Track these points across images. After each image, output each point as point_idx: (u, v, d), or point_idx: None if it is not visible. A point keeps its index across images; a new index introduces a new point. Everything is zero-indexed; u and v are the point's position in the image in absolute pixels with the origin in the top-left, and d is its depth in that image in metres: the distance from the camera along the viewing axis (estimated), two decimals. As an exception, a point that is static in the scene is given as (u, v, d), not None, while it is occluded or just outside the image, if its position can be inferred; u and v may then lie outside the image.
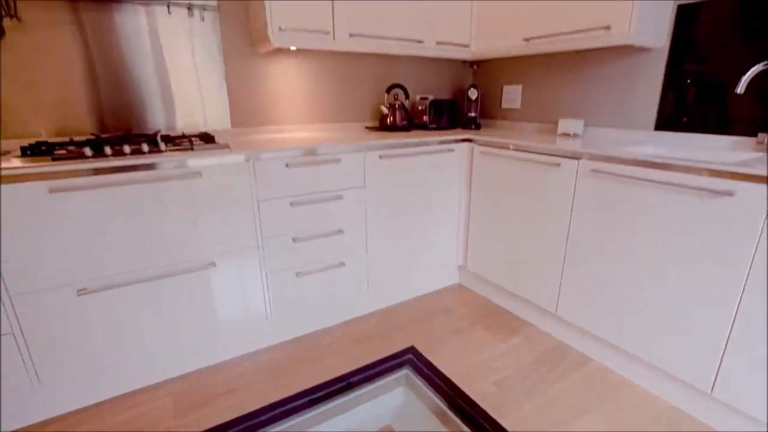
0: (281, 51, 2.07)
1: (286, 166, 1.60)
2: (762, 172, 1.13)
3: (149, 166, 1.35)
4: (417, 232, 2.07)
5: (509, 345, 1.80)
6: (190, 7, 1.80)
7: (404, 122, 2.24)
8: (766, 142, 1.52)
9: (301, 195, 1.66)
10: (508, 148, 1.89)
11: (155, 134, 1.67)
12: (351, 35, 1.90)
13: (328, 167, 1.70)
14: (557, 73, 2.24)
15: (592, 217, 1.58)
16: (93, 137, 1.61)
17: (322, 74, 2.23)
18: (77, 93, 1.67)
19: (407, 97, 2.31)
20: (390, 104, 2.25)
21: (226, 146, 1.54)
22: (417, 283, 2.23)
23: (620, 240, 1.50)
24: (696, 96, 1.71)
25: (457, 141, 2.07)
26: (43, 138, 1.64)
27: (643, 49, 1.85)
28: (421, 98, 2.46)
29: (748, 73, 1.44)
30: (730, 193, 1.19)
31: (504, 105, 2.56)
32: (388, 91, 2.28)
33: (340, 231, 1.80)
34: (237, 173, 1.50)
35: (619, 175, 1.46)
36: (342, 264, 1.85)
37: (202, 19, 1.83)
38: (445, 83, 2.70)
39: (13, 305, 1.24)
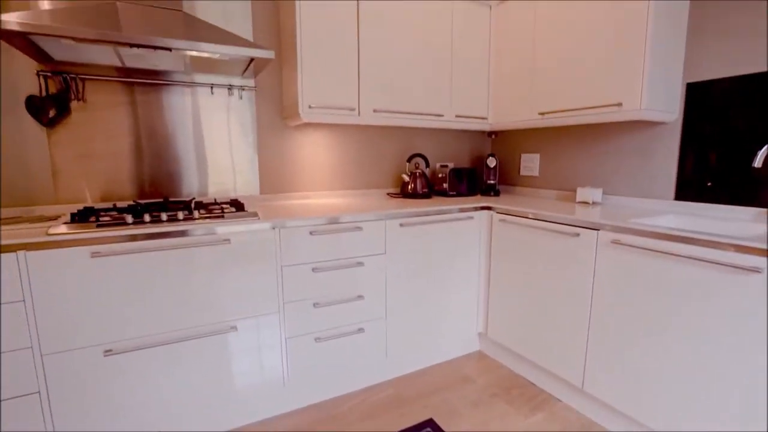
0: (309, 124, 2.23)
1: (310, 233, 1.67)
2: (787, 249, 1.11)
3: (182, 233, 1.44)
4: (437, 299, 2.06)
5: (533, 421, 1.70)
6: (230, 88, 1.99)
7: (425, 189, 2.32)
8: (791, 215, 1.50)
9: (323, 261, 1.71)
10: (526, 217, 1.92)
11: (190, 201, 1.79)
12: (375, 111, 2.05)
13: (350, 235, 1.76)
14: (574, 143, 2.31)
15: (616, 289, 1.55)
16: (134, 204, 1.73)
17: (346, 144, 2.37)
18: (124, 162, 1.83)
19: (427, 165, 2.41)
20: (411, 172, 2.35)
21: (255, 214, 1.63)
22: (436, 350, 2.18)
23: (646, 313, 1.46)
24: (714, 167, 1.73)
25: (476, 209, 2.11)
26: (89, 204, 1.79)
27: (656, 123, 1.91)
28: (442, 166, 2.56)
29: (765, 148, 1.46)
30: (757, 270, 1.17)
31: (523, 172, 2.63)
32: (409, 160, 2.40)
33: (360, 297, 1.82)
34: (263, 240, 1.58)
35: (640, 247, 1.45)
36: (361, 330, 1.85)
37: (240, 97, 2.02)
38: (465, 151, 2.81)
39: (43, 365, 1.29)
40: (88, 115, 1.77)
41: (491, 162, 2.48)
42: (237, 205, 1.77)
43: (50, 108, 1.65)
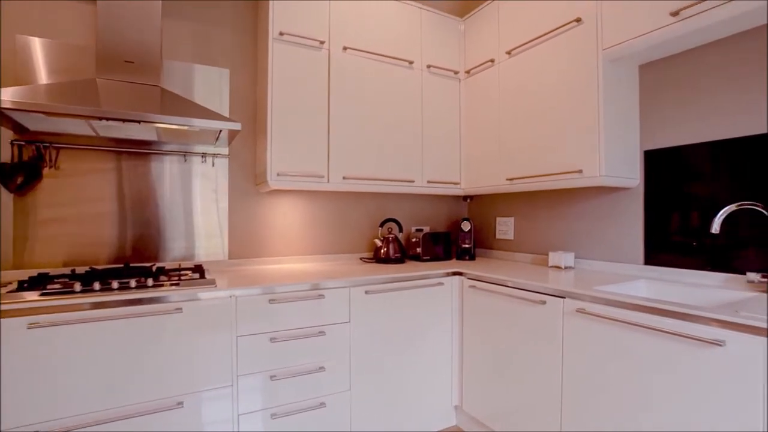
0: (281, 190, 2.27)
1: (269, 301, 1.63)
2: (756, 323, 1.06)
3: (133, 302, 1.39)
4: (407, 369, 1.95)
5: None
6: (203, 155, 2.05)
7: (397, 254, 2.31)
8: (756, 281, 1.47)
9: (282, 331, 1.65)
10: (495, 283, 1.88)
11: (150, 267, 1.76)
12: (344, 178, 2.09)
13: (312, 303, 1.71)
14: (546, 207, 2.33)
15: (585, 359, 1.48)
16: (90, 270, 1.70)
17: (319, 210, 2.39)
18: (93, 227, 1.84)
19: (401, 230, 2.41)
20: (384, 237, 2.34)
21: (212, 282, 1.59)
22: (408, 426, 2.02)
23: (617, 385, 1.37)
24: (679, 232, 1.73)
25: (447, 274, 2.08)
26: (54, 268, 1.76)
27: (621, 188, 1.94)
28: (417, 230, 2.56)
29: (720, 214, 1.46)
30: (720, 343, 1.12)
31: (498, 236, 2.62)
32: (382, 224, 2.40)
33: (322, 369, 1.73)
34: (219, 308, 1.53)
35: (603, 316, 1.40)
36: (322, 404, 1.73)
37: (213, 164, 2.08)
38: (441, 215, 2.83)
39: (-39, 449, 1.19)
40: (60, 182, 1.80)
41: (465, 226, 2.49)
42: (199, 271, 1.74)
43: (18, 175, 1.69)
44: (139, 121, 1.56)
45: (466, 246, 2.49)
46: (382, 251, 2.30)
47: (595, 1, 1.76)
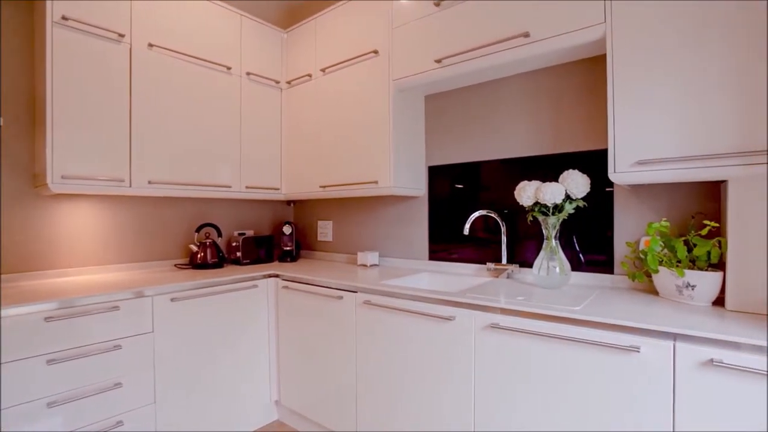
0: (74, 194, 2.02)
1: (46, 320, 1.46)
2: (473, 300, 1.44)
3: None
4: (222, 372, 1.98)
5: (312, 489, 1.72)
6: (-45, 152, 1.70)
7: (215, 259, 2.29)
8: (492, 268, 1.97)
9: (63, 350, 1.50)
10: (304, 283, 2.05)
11: None
12: (150, 183, 1.98)
13: (104, 316, 1.60)
14: (357, 212, 2.62)
15: (370, 342, 1.76)
16: None
17: (124, 215, 2.21)
18: None
19: (220, 234, 2.40)
20: (201, 242, 2.30)
21: (-40, 303, 1.36)
22: (228, 427, 2.05)
23: (396, 360, 1.68)
24: (450, 233, 2.17)
25: (263, 277, 2.17)
26: None
27: (411, 197, 2.33)
28: (239, 234, 2.58)
29: (469, 219, 1.91)
30: (451, 318, 1.48)
31: (320, 238, 2.83)
32: (198, 230, 2.35)
33: (118, 385, 1.63)
34: (-29, 334, 1.31)
35: (381, 305, 1.70)
36: (120, 423, 1.64)
37: (-30, 164, 1.74)
38: (266, 218, 2.90)
39: None
40: None
41: (287, 229, 2.61)
42: (-55, 293, 1.45)
43: None
44: None
45: (288, 248, 2.62)
46: (198, 256, 2.26)
47: (388, 38, 2.08)
